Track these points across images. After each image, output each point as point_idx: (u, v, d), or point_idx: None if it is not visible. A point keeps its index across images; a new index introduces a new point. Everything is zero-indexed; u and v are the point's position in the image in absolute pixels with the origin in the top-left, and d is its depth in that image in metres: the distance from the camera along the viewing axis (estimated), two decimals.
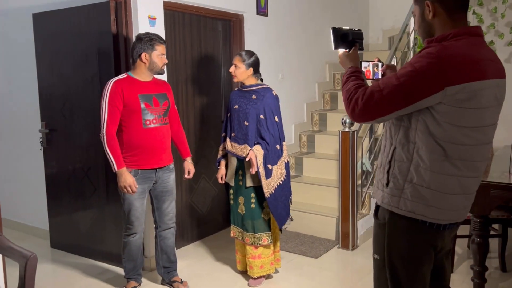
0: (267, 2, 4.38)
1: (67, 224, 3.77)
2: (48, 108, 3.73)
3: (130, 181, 2.72)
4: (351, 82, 1.64)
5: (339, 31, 1.80)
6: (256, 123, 2.97)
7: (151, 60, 2.77)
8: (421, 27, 1.62)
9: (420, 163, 1.54)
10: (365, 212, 4.08)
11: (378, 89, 1.51)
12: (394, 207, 1.60)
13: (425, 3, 1.56)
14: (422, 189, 1.55)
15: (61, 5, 3.51)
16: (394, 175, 1.60)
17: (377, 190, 1.70)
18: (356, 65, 1.74)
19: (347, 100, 1.60)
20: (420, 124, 1.52)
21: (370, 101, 1.51)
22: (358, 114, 1.55)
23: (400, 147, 1.58)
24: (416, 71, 1.46)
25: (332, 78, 5.46)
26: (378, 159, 1.75)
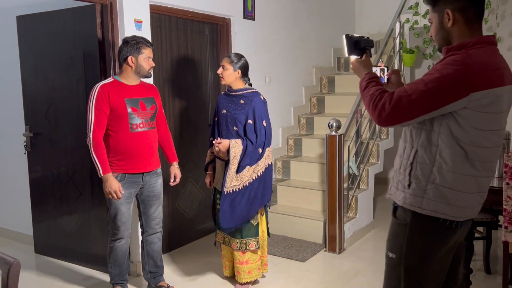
0: (254, 6, 4.39)
1: (51, 229, 3.72)
2: (32, 112, 3.68)
3: (116, 187, 2.70)
4: (373, 87, 1.71)
5: (351, 38, 1.89)
6: (244, 128, 2.95)
7: (138, 63, 2.75)
8: (438, 34, 1.69)
9: (443, 165, 1.63)
10: (351, 215, 4.10)
11: (406, 94, 1.58)
12: (417, 207, 1.67)
13: (445, 12, 1.64)
14: (444, 189, 1.63)
15: (46, 8, 3.47)
16: (417, 177, 1.67)
17: (396, 191, 1.77)
18: (371, 71, 1.84)
19: (373, 105, 1.65)
20: (443, 127, 1.60)
21: (398, 105, 1.58)
22: (386, 118, 1.61)
23: (423, 149, 1.66)
24: (443, 77, 1.54)
25: (319, 82, 5.49)
26: (395, 162, 1.81)
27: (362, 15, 6.12)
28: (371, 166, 4.37)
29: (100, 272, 3.42)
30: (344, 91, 5.26)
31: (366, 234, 4.26)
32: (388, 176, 6.15)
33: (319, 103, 5.29)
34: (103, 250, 3.31)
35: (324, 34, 5.56)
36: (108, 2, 3.16)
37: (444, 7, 1.64)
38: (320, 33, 5.47)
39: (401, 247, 1.72)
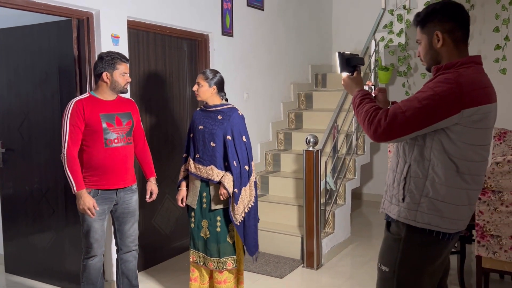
0: (232, 23, 4.44)
1: (23, 247, 3.62)
2: (5, 127, 3.60)
3: (90, 203, 2.65)
4: (367, 104, 1.77)
5: (343, 56, 1.95)
6: (222, 144, 2.93)
7: (113, 79, 2.73)
8: (428, 54, 1.78)
9: (435, 179, 1.69)
10: (329, 230, 4.12)
11: (401, 111, 1.64)
12: (411, 220, 1.73)
13: (435, 33, 1.72)
14: (437, 202, 1.70)
15: (22, 21, 3.43)
16: (411, 191, 1.73)
17: (390, 205, 1.82)
18: (362, 88, 1.90)
19: (368, 121, 1.71)
20: (435, 143, 1.67)
21: (393, 122, 1.64)
22: (381, 133, 1.67)
23: (416, 164, 1.73)
24: (437, 95, 1.61)
25: (296, 98, 5.54)
26: (388, 176, 1.86)
27: (339, 33, 6.24)
28: (348, 181, 4.41)
29: None
30: (322, 107, 5.33)
31: (343, 249, 4.28)
32: (363, 191, 6.22)
33: (297, 118, 5.33)
34: (77, 268, 3.22)
35: (302, 51, 5.64)
36: (85, 17, 3.14)
37: (433, 28, 1.73)
38: (298, 49, 5.55)
39: (395, 261, 1.77)
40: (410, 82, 5.45)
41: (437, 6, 1.75)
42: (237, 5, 4.48)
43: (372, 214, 5.63)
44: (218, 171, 2.90)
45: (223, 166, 2.91)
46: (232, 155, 2.89)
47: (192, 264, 3.06)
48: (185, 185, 3.08)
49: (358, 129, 4.66)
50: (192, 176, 3.00)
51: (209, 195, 2.95)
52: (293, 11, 5.43)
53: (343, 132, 4.53)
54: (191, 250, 3.04)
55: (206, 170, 2.92)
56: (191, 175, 3.01)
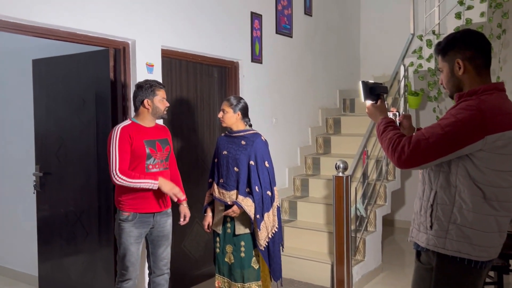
0: (261, 50, 4.52)
1: (57, 270, 3.69)
2: (43, 151, 3.74)
3: (171, 185, 2.79)
4: (391, 131, 1.80)
5: (367, 84, 2.00)
6: (246, 169, 2.97)
7: (154, 105, 2.83)
8: (450, 82, 1.81)
9: (463, 205, 1.69)
10: (359, 258, 4.05)
11: (424, 137, 1.66)
12: (441, 248, 1.71)
13: (456, 61, 1.75)
14: (466, 229, 1.68)
15: (62, 51, 3.59)
16: (438, 217, 1.73)
17: (418, 233, 1.81)
18: (386, 115, 1.94)
19: (392, 148, 1.73)
20: (460, 169, 1.68)
21: (417, 148, 1.66)
22: (405, 160, 1.68)
23: (442, 191, 1.73)
24: (459, 121, 1.63)
25: (325, 122, 5.55)
26: (415, 204, 1.86)
27: (367, 58, 6.26)
28: (378, 207, 4.35)
29: None
30: (350, 132, 5.31)
31: (374, 277, 4.19)
32: (394, 217, 6.10)
33: (325, 143, 5.33)
34: None
35: (330, 76, 5.68)
36: (121, 47, 3.27)
37: (454, 56, 1.76)
38: (326, 75, 5.59)
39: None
40: (441, 107, 5.39)
41: (458, 35, 1.79)
42: (266, 33, 4.57)
43: (404, 241, 5.50)
44: (241, 197, 2.93)
45: (246, 191, 2.94)
46: (255, 180, 2.93)
47: None
48: (211, 210, 3.12)
49: None
50: (217, 201, 3.04)
51: (233, 220, 2.98)
52: (321, 37, 5.49)
53: (373, 157, 4.49)
54: (216, 275, 3.07)
55: (230, 195, 2.96)
56: (215, 200, 3.05)
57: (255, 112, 4.12)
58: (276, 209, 3.00)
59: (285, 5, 4.84)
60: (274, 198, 2.98)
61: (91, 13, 2.97)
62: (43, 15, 2.71)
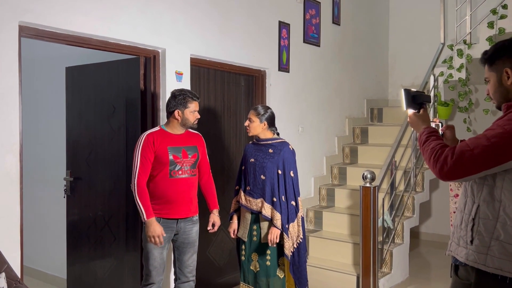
0: (288, 59, 4.53)
1: (85, 273, 3.76)
2: (74, 157, 3.83)
3: (159, 231, 2.75)
4: (434, 141, 1.74)
5: (409, 93, 1.95)
6: (272, 177, 2.97)
7: (184, 116, 2.87)
8: (497, 92, 1.74)
9: (507, 221, 1.61)
10: (386, 270, 3.97)
11: (468, 148, 1.59)
12: (481, 264, 1.64)
13: (504, 70, 1.69)
14: (509, 247, 1.60)
15: (94, 59, 3.69)
16: (479, 232, 1.66)
17: (457, 247, 1.74)
18: (429, 125, 1.88)
19: (434, 159, 1.66)
20: (506, 183, 1.61)
21: (460, 160, 1.59)
22: (448, 172, 1.62)
23: (485, 205, 1.66)
24: (506, 133, 1.57)
25: (351, 132, 5.50)
26: (455, 217, 1.80)
27: (395, 67, 6.19)
28: (406, 219, 4.26)
29: None
30: (377, 142, 5.25)
31: None
32: (421, 230, 5.97)
33: (352, 153, 5.27)
34: None
35: (358, 85, 5.63)
36: (151, 56, 3.34)
37: (502, 66, 1.70)
38: (353, 84, 5.55)
39: None
40: (471, 117, 5.27)
41: (506, 43, 1.72)
42: (293, 42, 4.58)
43: (431, 254, 5.37)
44: (267, 205, 2.94)
45: (271, 200, 2.94)
46: (282, 189, 2.92)
47: None
48: (237, 217, 3.13)
49: (417, 165, 4.53)
50: (243, 208, 3.05)
51: (259, 228, 2.98)
52: (349, 46, 5.46)
53: (401, 168, 4.42)
54: (241, 283, 3.06)
55: (256, 203, 2.97)
56: (242, 207, 3.07)
57: (281, 120, 4.12)
58: (300, 219, 2.99)
59: (313, 14, 4.84)
60: (298, 208, 2.98)
61: (122, 22, 3.04)
62: (77, 24, 2.80)
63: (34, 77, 4.38)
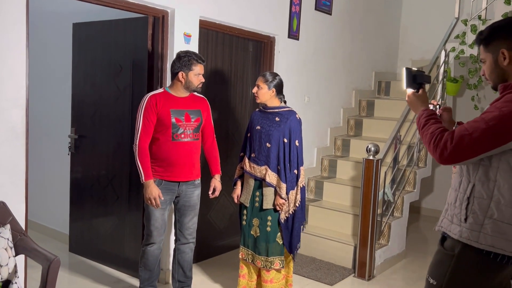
0: (299, 26, 4.45)
1: (87, 230, 3.83)
2: (79, 115, 3.83)
3: (156, 193, 2.77)
4: (433, 125, 1.74)
5: (411, 72, 1.93)
6: (278, 145, 2.97)
7: (187, 79, 2.84)
8: (493, 72, 1.74)
9: (501, 200, 1.65)
10: (383, 242, 4.03)
11: (467, 132, 1.60)
12: (474, 241, 1.68)
13: (501, 51, 1.68)
14: (503, 225, 1.65)
15: (102, 16, 3.63)
16: (474, 211, 1.70)
17: (450, 224, 1.78)
18: (427, 107, 1.87)
19: (433, 144, 1.67)
20: (502, 163, 1.64)
21: (460, 144, 1.61)
22: (448, 156, 1.63)
23: (480, 184, 1.69)
24: (504, 115, 1.57)
25: (358, 104, 5.46)
26: (450, 195, 1.83)
27: (406, 41, 6.09)
28: (406, 194, 4.29)
29: (130, 277, 3.49)
30: (383, 115, 5.22)
31: (397, 263, 4.17)
32: (421, 205, 6.02)
33: (357, 126, 5.25)
34: (135, 255, 3.38)
35: (367, 57, 5.55)
36: (160, 15, 3.28)
37: (498, 46, 1.68)
38: (362, 56, 5.47)
39: (444, 276, 1.74)
40: (480, 95, 5.21)
41: (502, 23, 1.71)
42: (305, 8, 4.49)
43: (429, 229, 5.44)
44: (271, 172, 2.95)
45: (276, 168, 2.96)
46: (286, 158, 2.94)
47: (242, 261, 3.12)
48: (241, 183, 3.15)
49: (421, 141, 4.51)
50: (247, 174, 3.07)
51: (261, 194, 3.01)
52: (360, 16, 5.36)
53: (405, 143, 4.41)
54: (241, 247, 3.11)
55: (260, 170, 2.98)
56: (246, 173, 3.08)
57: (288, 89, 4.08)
58: (300, 188, 3.01)
59: None
60: (299, 177, 2.99)
61: None
62: None
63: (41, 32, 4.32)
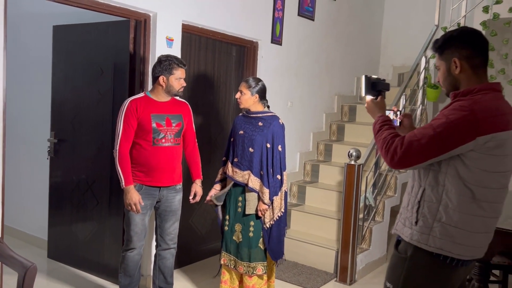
0: (282, 32, 4.47)
1: (66, 236, 3.76)
2: (58, 118, 3.77)
3: (136, 199, 2.74)
4: (386, 131, 1.79)
5: (370, 79, 1.98)
6: (261, 150, 2.97)
7: (168, 83, 2.82)
8: (446, 80, 1.79)
9: (449, 204, 1.69)
10: (365, 246, 4.06)
11: (416, 138, 1.66)
12: (423, 244, 1.73)
13: (453, 60, 1.73)
14: (450, 228, 1.69)
15: (83, 19, 3.59)
16: (424, 214, 1.74)
17: (403, 227, 1.82)
18: (384, 113, 1.93)
19: (385, 149, 1.73)
20: (450, 168, 1.68)
21: (409, 149, 1.65)
22: (398, 161, 1.69)
23: (430, 188, 1.73)
24: (451, 122, 1.62)
25: (340, 109, 5.51)
26: (404, 199, 1.88)
27: (388, 47, 6.17)
28: (387, 198, 4.33)
29: (111, 283, 3.44)
30: (365, 120, 5.27)
31: (378, 267, 4.20)
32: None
33: (339, 130, 5.29)
34: (115, 261, 3.33)
35: (349, 62, 5.61)
36: (142, 19, 3.26)
37: (451, 55, 1.74)
38: (345, 61, 5.52)
39: (399, 279, 1.78)
40: None
41: (455, 33, 1.76)
42: (288, 14, 4.51)
43: None
44: (254, 177, 2.94)
45: (259, 173, 2.95)
46: (269, 163, 2.94)
47: (223, 267, 3.11)
48: (220, 187, 3.14)
49: None
50: (229, 179, 3.06)
51: (244, 200, 3.00)
52: (343, 23, 5.41)
53: None
54: (223, 253, 3.09)
55: (243, 175, 2.97)
56: (228, 178, 3.07)
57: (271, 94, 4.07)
58: (283, 193, 3.02)
59: None
60: (283, 182, 3.00)
61: None
62: None
63: (21, 34, 4.25)
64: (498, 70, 4.82)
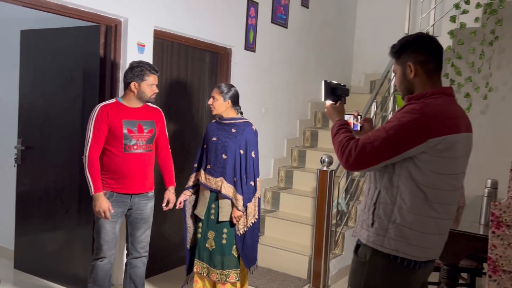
0: (255, 39, 4.49)
1: (33, 245, 3.66)
2: (26, 125, 3.68)
3: (105, 206, 2.69)
4: (342, 134, 1.82)
5: (329, 84, 2.01)
6: (234, 157, 2.97)
7: (140, 89, 2.79)
8: (402, 84, 1.83)
9: (403, 206, 1.71)
10: (338, 252, 4.09)
11: (369, 141, 1.70)
12: (379, 245, 1.75)
13: (407, 64, 1.77)
14: (405, 229, 1.71)
15: (52, 24, 3.52)
16: (379, 216, 1.76)
17: (361, 230, 1.84)
18: (342, 118, 1.96)
19: (340, 151, 1.76)
20: (403, 170, 1.70)
21: (363, 152, 1.69)
22: (352, 164, 1.72)
23: (385, 191, 1.76)
24: (402, 125, 1.66)
25: (313, 116, 5.55)
26: (361, 201, 1.91)
27: (360, 55, 6.26)
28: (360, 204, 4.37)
29: None
30: None
31: None
32: None
33: (313, 137, 5.34)
34: (84, 271, 3.25)
35: (322, 70, 5.67)
36: (113, 24, 3.22)
37: (406, 60, 1.78)
38: (318, 68, 5.58)
39: (359, 284, 1.80)
40: None
41: (410, 38, 1.81)
42: (261, 21, 4.54)
43: None
44: (227, 184, 2.94)
45: (232, 179, 2.94)
46: (243, 169, 2.93)
47: (196, 275, 3.09)
48: (190, 193, 3.12)
49: None
50: (202, 186, 3.04)
51: (217, 207, 2.98)
52: (316, 30, 5.47)
53: None
54: (196, 260, 3.06)
55: (216, 182, 2.96)
56: (201, 185, 3.05)
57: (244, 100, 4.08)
58: (257, 200, 3.02)
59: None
60: (256, 188, 3.00)
61: None
62: None
63: None
64: (466, 78, 4.96)
